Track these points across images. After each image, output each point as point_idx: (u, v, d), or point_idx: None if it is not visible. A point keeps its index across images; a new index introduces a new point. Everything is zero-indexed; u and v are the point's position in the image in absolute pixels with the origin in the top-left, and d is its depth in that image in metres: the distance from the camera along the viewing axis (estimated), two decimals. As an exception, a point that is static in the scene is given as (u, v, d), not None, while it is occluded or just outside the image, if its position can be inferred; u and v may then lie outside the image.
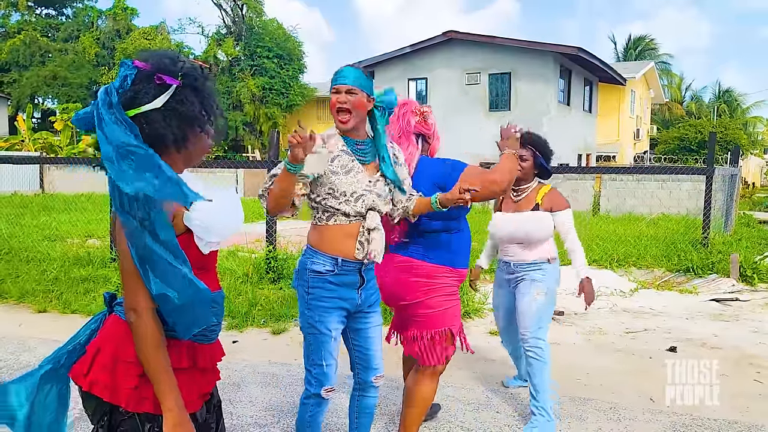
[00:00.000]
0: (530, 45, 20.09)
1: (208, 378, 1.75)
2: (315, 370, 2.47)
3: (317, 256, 2.41)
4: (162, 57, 1.62)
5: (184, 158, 1.69)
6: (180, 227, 1.59)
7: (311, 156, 2.19)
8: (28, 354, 4.45)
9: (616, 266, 7.82)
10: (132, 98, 1.55)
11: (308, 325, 2.45)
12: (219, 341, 1.82)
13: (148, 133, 1.56)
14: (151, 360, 1.53)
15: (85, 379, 1.59)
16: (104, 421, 1.60)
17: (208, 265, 1.71)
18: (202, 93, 1.65)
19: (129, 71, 1.57)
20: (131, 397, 1.57)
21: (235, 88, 30.05)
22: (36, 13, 40.67)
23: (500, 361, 4.48)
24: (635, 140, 29.40)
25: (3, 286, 6.42)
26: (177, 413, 1.55)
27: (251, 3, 31.72)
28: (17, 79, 36.60)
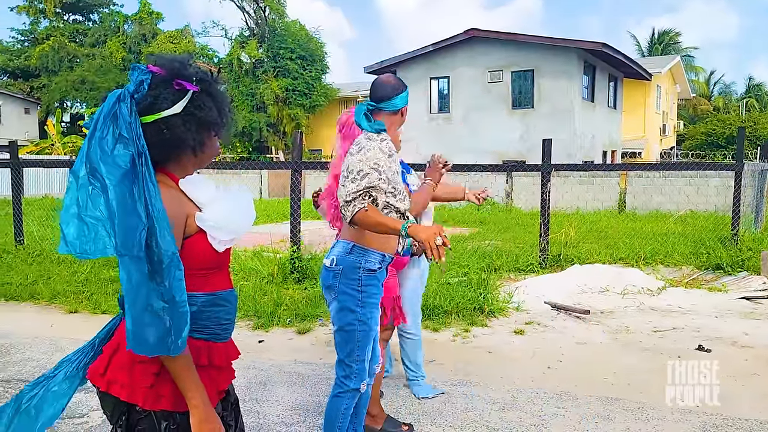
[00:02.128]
0: (553, 42, 19.92)
1: (223, 376, 1.76)
2: (357, 366, 2.56)
3: (369, 254, 2.51)
4: (174, 61, 1.63)
5: (197, 161, 1.72)
6: (193, 227, 1.61)
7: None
8: (60, 354, 4.55)
9: (643, 264, 7.72)
10: (151, 104, 1.57)
11: (359, 323, 2.52)
12: (233, 341, 1.83)
13: (168, 137, 1.59)
14: (174, 359, 1.54)
15: (102, 378, 1.61)
16: (122, 420, 1.62)
17: (221, 264, 1.72)
18: (216, 97, 1.67)
19: (144, 76, 1.58)
20: (148, 396, 1.58)
21: (259, 89, 30.28)
22: (64, 19, 41.49)
23: (525, 360, 4.46)
24: (662, 136, 28.97)
25: (35, 287, 6.57)
26: (203, 409, 1.57)
27: (274, 5, 31.94)
28: (47, 84, 37.38)
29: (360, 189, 2.35)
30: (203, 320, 1.68)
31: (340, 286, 2.52)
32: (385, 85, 2.60)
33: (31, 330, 5.29)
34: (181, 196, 1.64)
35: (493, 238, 9.93)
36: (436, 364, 4.41)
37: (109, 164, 1.49)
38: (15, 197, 8.70)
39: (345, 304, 2.52)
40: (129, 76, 1.60)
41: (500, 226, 12.11)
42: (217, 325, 1.72)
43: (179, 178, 1.67)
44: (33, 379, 3.95)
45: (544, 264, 7.50)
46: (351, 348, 2.54)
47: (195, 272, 1.64)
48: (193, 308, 1.64)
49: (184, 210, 1.61)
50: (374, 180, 2.37)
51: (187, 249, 1.61)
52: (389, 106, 2.59)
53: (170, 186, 1.64)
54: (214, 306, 1.70)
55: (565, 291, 6.31)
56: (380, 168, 2.39)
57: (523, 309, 5.83)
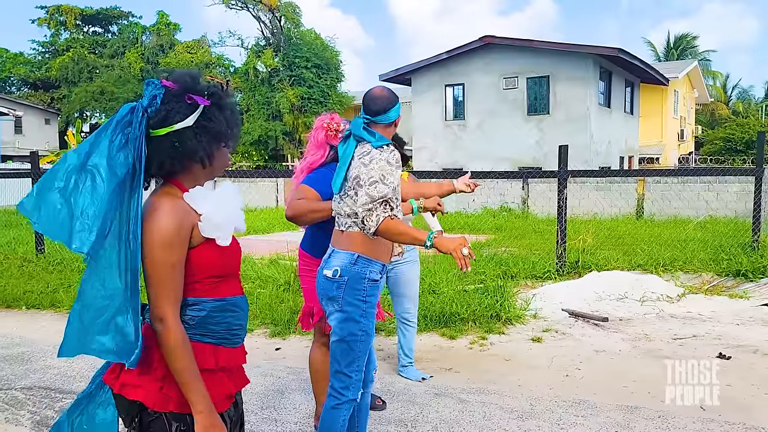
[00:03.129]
0: (569, 47, 19.86)
1: (234, 380, 1.81)
2: (356, 376, 2.57)
3: (373, 264, 2.54)
4: (186, 76, 1.70)
5: (207, 173, 1.77)
6: (198, 237, 1.68)
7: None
8: (81, 361, 4.60)
9: (662, 271, 7.64)
10: (164, 117, 1.64)
11: (361, 333, 2.54)
12: (243, 347, 1.87)
13: (180, 150, 1.65)
14: (178, 366, 1.60)
15: (116, 381, 1.68)
16: (135, 422, 1.68)
17: (230, 272, 1.78)
18: (226, 110, 1.73)
19: (157, 91, 1.65)
20: (157, 398, 1.64)
21: (275, 98, 30.51)
22: (84, 31, 42.17)
23: (543, 368, 4.43)
24: (680, 141, 28.71)
25: (56, 295, 6.65)
26: (207, 415, 1.62)
27: (289, 14, 32.22)
28: (67, 95, 37.97)
29: (376, 198, 2.39)
30: (213, 325, 1.73)
31: (345, 297, 2.51)
32: (379, 99, 2.61)
33: (52, 338, 5.36)
34: (188, 207, 1.69)
35: (510, 245, 9.88)
36: (452, 372, 4.39)
37: (111, 167, 1.57)
38: (36, 207, 8.81)
39: (350, 315, 2.52)
40: (143, 91, 1.67)
41: (516, 233, 12.05)
42: (227, 330, 1.76)
43: (188, 189, 1.72)
44: (54, 386, 4.00)
45: (561, 271, 7.45)
46: (352, 358, 2.55)
47: (203, 280, 1.71)
48: (203, 313, 1.71)
49: (190, 221, 1.67)
50: (385, 191, 2.41)
51: (194, 258, 1.68)
52: (384, 119, 2.61)
53: (178, 197, 1.70)
54: (224, 311, 1.75)
55: (582, 298, 6.26)
56: (387, 180, 2.43)
57: (540, 316, 5.79)
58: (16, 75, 41.77)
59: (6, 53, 42.15)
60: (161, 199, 1.67)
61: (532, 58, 20.24)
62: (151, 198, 1.70)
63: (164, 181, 1.74)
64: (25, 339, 5.30)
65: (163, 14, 38.91)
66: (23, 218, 13.32)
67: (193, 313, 1.70)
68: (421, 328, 5.36)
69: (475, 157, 21.00)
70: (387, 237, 2.44)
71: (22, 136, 35.44)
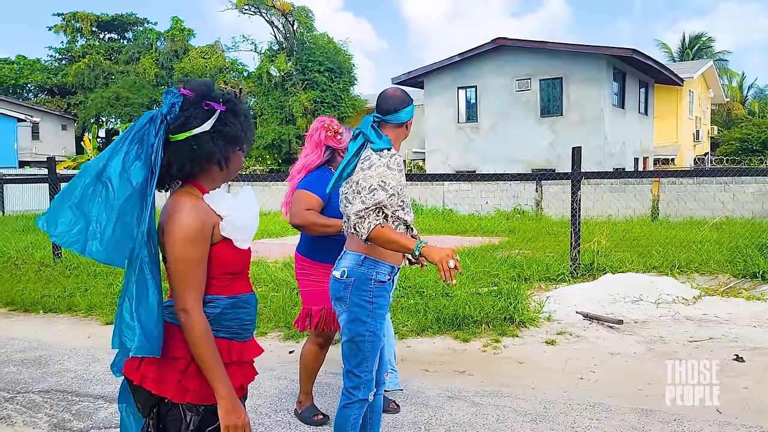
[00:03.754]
0: (582, 48, 19.77)
1: (245, 373, 1.93)
2: (367, 376, 2.60)
3: (380, 266, 2.56)
4: (203, 84, 1.82)
5: (223, 175, 1.89)
6: (217, 236, 1.80)
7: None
8: (98, 364, 4.65)
9: (678, 273, 7.57)
10: (183, 123, 1.75)
11: (369, 334, 2.57)
12: (254, 339, 2.00)
13: (198, 153, 1.76)
14: (203, 354, 1.72)
15: (136, 373, 1.77)
16: (153, 412, 1.79)
17: (242, 269, 1.91)
18: (240, 115, 1.84)
19: (176, 99, 1.76)
20: (176, 390, 1.75)
21: (288, 102, 30.64)
22: (99, 37, 42.64)
23: (557, 371, 4.41)
24: (695, 142, 28.44)
25: (72, 299, 6.72)
26: (230, 400, 1.74)
27: (302, 18, 32.35)
28: (83, 101, 38.40)
29: (369, 205, 2.41)
30: (226, 321, 1.85)
31: (351, 298, 2.56)
32: (391, 98, 2.63)
33: (69, 341, 5.42)
34: (208, 207, 1.81)
35: (523, 248, 9.84)
36: (466, 374, 4.39)
37: (124, 179, 1.67)
38: (53, 211, 8.92)
39: (357, 316, 2.56)
40: (162, 99, 1.77)
41: (530, 235, 12.00)
42: (239, 325, 1.89)
43: (208, 190, 1.84)
44: (71, 390, 4.05)
45: (575, 273, 7.41)
46: (361, 359, 2.58)
47: (219, 276, 1.83)
48: (217, 310, 1.83)
49: (211, 220, 1.78)
50: (382, 197, 2.42)
51: (214, 255, 1.80)
52: (395, 119, 2.62)
53: (199, 197, 1.81)
54: (236, 308, 1.87)
55: (597, 300, 6.22)
56: (387, 185, 2.44)
57: (554, 319, 5.76)
58: (33, 81, 42.33)
59: (24, 60, 42.75)
60: (183, 199, 1.77)
61: (545, 59, 20.17)
62: (173, 198, 1.80)
63: (183, 183, 1.85)
64: (42, 342, 5.36)
65: (177, 20, 39.25)
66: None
67: (208, 310, 1.80)
68: (434, 330, 5.36)
69: (487, 159, 20.95)
70: (378, 244, 2.45)
71: (39, 141, 35.91)
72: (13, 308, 6.69)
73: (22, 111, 31.84)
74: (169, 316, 1.78)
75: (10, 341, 5.41)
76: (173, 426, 1.76)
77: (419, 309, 5.79)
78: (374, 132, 2.58)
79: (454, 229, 13.92)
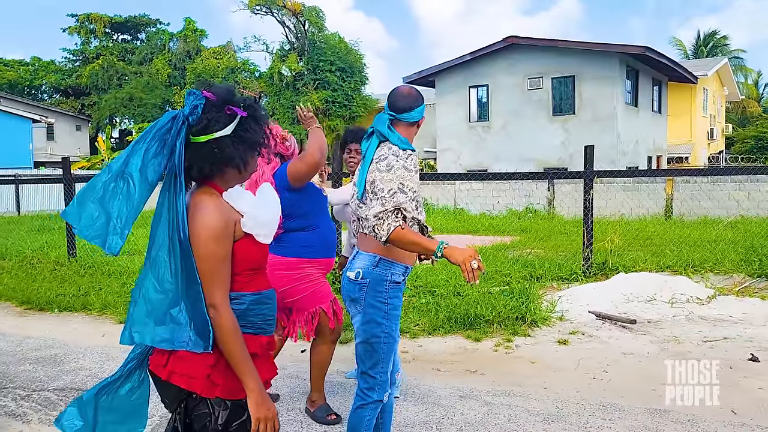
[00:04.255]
0: (594, 47, 19.64)
1: (266, 367, 1.96)
2: (382, 377, 2.59)
3: (395, 266, 2.54)
4: (225, 89, 1.85)
5: (241, 177, 1.92)
6: (239, 232, 1.83)
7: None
8: (112, 363, 4.70)
9: (692, 272, 7.50)
10: (206, 126, 1.78)
11: (385, 335, 2.55)
12: (273, 336, 2.03)
13: (219, 156, 1.80)
14: (232, 349, 1.75)
15: (164, 369, 1.80)
16: (181, 407, 1.82)
17: (262, 265, 1.95)
18: (260, 121, 1.88)
19: (199, 101, 1.79)
20: (205, 385, 1.78)
21: (299, 102, 30.69)
22: (113, 38, 42.95)
23: (570, 371, 4.39)
24: (709, 140, 28.16)
25: (87, 298, 6.79)
26: (259, 393, 1.78)
27: (313, 18, 32.40)
28: (97, 102, 38.73)
29: (389, 208, 2.39)
30: (251, 317, 1.89)
31: (366, 299, 2.54)
32: (406, 96, 2.61)
33: (84, 340, 5.48)
34: (228, 205, 1.85)
35: (535, 247, 9.81)
36: (477, 374, 4.38)
37: (144, 175, 1.72)
38: (68, 211, 9.01)
39: (372, 317, 2.54)
40: (185, 100, 1.81)
41: (542, 234, 11.95)
42: (263, 321, 1.93)
43: (223, 190, 1.88)
44: (86, 388, 4.09)
45: (587, 272, 7.37)
46: (376, 360, 2.57)
47: (243, 272, 1.86)
48: (243, 306, 1.87)
49: (233, 217, 1.82)
50: (401, 199, 2.41)
51: (236, 252, 1.83)
52: (408, 117, 2.60)
53: (218, 196, 1.85)
54: (260, 304, 1.91)
55: (610, 300, 6.18)
56: (405, 187, 2.43)
57: (566, 318, 5.74)
58: (48, 83, 42.77)
59: (38, 61, 43.19)
60: (204, 198, 1.81)
61: (556, 58, 20.07)
62: (193, 198, 1.83)
63: (199, 184, 1.88)
64: (57, 341, 5.42)
65: (189, 21, 39.46)
66: (55, 223, 13.64)
67: (235, 307, 1.83)
68: (446, 330, 5.36)
69: (499, 158, 20.88)
70: (398, 246, 2.43)
71: (54, 142, 36.25)
72: (28, 307, 6.77)
73: (37, 112, 32.17)
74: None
75: (25, 340, 5.47)
76: (201, 420, 1.79)
77: (431, 308, 5.78)
78: (391, 132, 2.57)
79: (466, 229, 13.89)
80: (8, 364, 4.75)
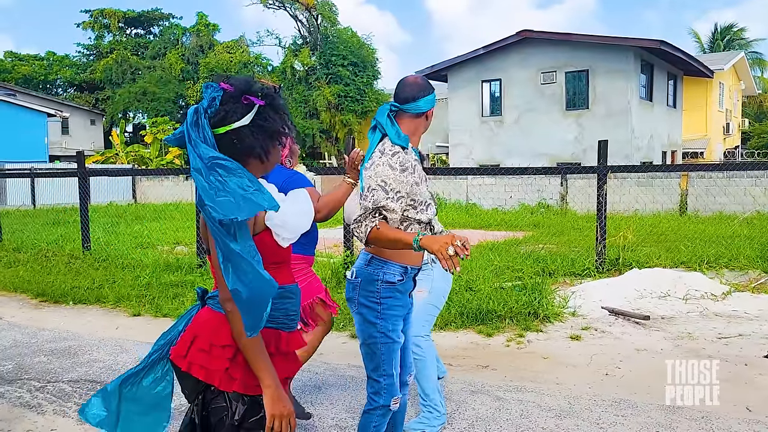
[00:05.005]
0: (609, 40, 19.47)
1: (290, 364, 1.94)
2: (386, 381, 2.46)
3: (389, 266, 2.41)
4: (242, 80, 1.83)
5: (263, 168, 1.89)
6: (261, 225, 1.79)
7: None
8: (125, 355, 4.74)
9: (706, 268, 7.44)
10: (223, 117, 1.77)
11: (380, 335, 2.42)
12: (299, 331, 2.01)
13: (239, 146, 1.78)
14: (247, 343, 1.72)
15: (184, 360, 1.80)
16: (199, 399, 1.82)
17: (285, 259, 1.91)
18: (280, 110, 1.85)
19: (216, 93, 1.77)
20: (222, 378, 1.77)
21: (312, 96, 30.74)
22: (126, 33, 43.20)
23: (582, 366, 4.37)
24: (725, 135, 27.84)
25: (101, 291, 6.85)
26: (275, 390, 1.75)
27: (326, 13, 32.40)
28: (111, 96, 39.00)
29: (369, 208, 2.29)
30: (274, 311, 1.85)
31: (359, 299, 2.44)
32: (410, 85, 2.46)
33: (98, 332, 5.53)
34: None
35: (548, 242, 9.76)
36: (489, 369, 4.37)
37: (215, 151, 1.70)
38: (82, 205, 9.11)
39: (366, 317, 2.44)
40: (203, 93, 1.79)
41: (555, 229, 11.88)
42: (286, 316, 1.91)
43: None
44: (100, 380, 4.12)
45: (601, 268, 7.32)
46: (377, 363, 2.45)
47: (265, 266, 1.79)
48: None
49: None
50: (381, 199, 2.29)
51: (257, 244, 1.78)
52: (413, 107, 2.45)
53: None
54: (283, 299, 1.88)
55: (623, 296, 6.14)
56: (387, 186, 2.30)
57: (579, 314, 5.71)
58: (63, 77, 43.12)
59: (53, 56, 43.55)
60: None
61: (570, 51, 19.92)
62: None
63: None
64: (72, 333, 5.47)
65: (202, 15, 39.60)
66: (70, 216, 13.77)
67: None
68: (458, 325, 5.35)
69: (512, 153, 20.79)
70: (379, 245, 2.33)
71: (69, 136, 36.57)
72: (43, 299, 6.84)
73: (52, 106, 32.44)
74: (215, 306, 1.82)
75: (40, 331, 5.53)
76: (217, 414, 1.78)
77: (442, 303, 5.77)
78: (389, 121, 2.42)
79: (478, 224, 13.85)
80: (23, 356, 4.80)
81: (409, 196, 2.37)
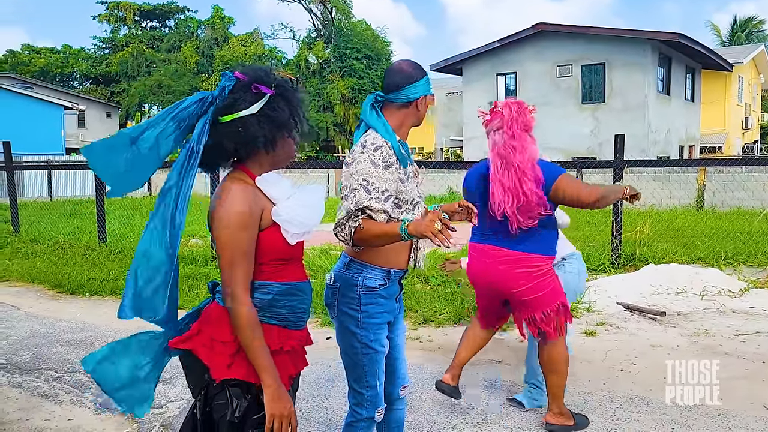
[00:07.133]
0: (626, 33, 19.26)
1: (296, 362, 1.91)
2: (369, 393, 2.29)
3: (369, 270, 2.22)
4: (258, 70, 1.81)
5: (271, 160, 1.86)
6: (267, 221, 1.76)
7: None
8: (140, 346, 4.77)
9: (724, 264, 7.35)
10: (231, 105, 1.75)
11: (362, 345, 2.25)
12: (307, 329, 1.98)
13: (243, 135, 1.75)
14: (248, 340, 1.71)
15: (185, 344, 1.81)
16: (202, 394, 1.81)
17: (294, 256, 1.87)
18: (291, 102, 1.82)
19: (228, 82, 1.76)
20: (224, 374, 1.75)
21: (325, 89, 30.75)
22: (142, 26, 43.44)
23: (597, 362, 4.34)
24: (744, 129, 27.50)
25: (117, 282, 6.90)
26: (275, 388, 1.73)
27: (340, 5, 32.36)
28: (126, 89, 39.26)
29: (352, 210, 2.08)
30: (278, 308, 1.83)
31: (339, 306, 2.26)
32: (394, 73, 2.22)
33: (114, 323, 5.56)
34: (257, 191, 1.79)
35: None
36: (503, 364, 4.35)
37: (153, 152, 1.75)
38: (98, 198, 9.19)
39: (345, 325, 2.26)
40: (219, 83, 1.78)
41: (570, 224, 11.78)
42: (292, 313, 1.86)
43: (256, 175, 1.82)
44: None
45: (616, 264, 7.26)
46: (359, 373, 2.28)
47: (270, 262, 1.80)
48: (269, 296, 1.81)
49: (260, 204, 1.76)
50: (363, 199, 2.07)
51: (263, 240, 1.77)
52: (396, 97, 2.21)
53: (247, 182, 1.80)
54: (289, 295, 1.85)
55: (638, 292, 6.09)
56: (370, 185, 2.08)
57: (594, 310, 5.67)
58: (79, 70, 43.47)
59: (69, 49, 43.91)
60: (231, 184, 1.77)
61: (586, 45, 19.73)
62: (222, 183, 1.80)
63: (233, 168, 1.85)
64: (88, 324, 5.53)
65: (217, 8, 39.70)
66: (86, 209, 13.89)
67: (260, 296, 1.80)
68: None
69: (527, 147, 20.64)
70: (368, 245, 2.13)
71: (85, 129, 36.90)
72: (60, 290, 6.91)
73: (68, 99, 32.76)
74: (220, 301, 1.81)
75: (57, 322, 5.59)
76: (220, 410, 1.77)
77: (456, 297, 5.76)
78: (374, 113, 2.22)
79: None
80: (41, 346, 4.86)
81: (392, 196, 2.14)
